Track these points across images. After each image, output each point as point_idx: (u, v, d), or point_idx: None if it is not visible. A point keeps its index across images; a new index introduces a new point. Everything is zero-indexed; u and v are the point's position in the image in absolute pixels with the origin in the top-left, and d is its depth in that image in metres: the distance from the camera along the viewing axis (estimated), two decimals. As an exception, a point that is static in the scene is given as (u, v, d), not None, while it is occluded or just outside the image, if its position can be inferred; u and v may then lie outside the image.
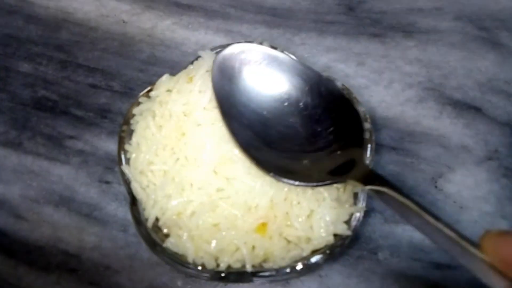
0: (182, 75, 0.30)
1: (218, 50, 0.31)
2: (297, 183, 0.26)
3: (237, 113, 0.28)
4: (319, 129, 0.28)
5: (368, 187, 0.24)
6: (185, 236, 0.26)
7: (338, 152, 0.27)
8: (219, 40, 0.38)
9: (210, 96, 0.28)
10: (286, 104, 0.29)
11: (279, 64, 0.29)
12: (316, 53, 0.37)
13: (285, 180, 0.26)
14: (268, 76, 0.29)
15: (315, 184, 0.26)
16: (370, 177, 0.24)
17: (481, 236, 0.19)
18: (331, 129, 0.28)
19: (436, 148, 0.33)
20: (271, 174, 0.26)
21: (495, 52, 0.37)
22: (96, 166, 0.33)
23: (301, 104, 0.29)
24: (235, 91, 0.28)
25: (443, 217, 0.30)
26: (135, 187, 0.28)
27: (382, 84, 0.36)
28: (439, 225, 0.20)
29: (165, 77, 0.30)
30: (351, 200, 0.27)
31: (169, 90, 0.29)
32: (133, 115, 0.30)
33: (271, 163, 0.26)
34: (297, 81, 0.29)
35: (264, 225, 0.26)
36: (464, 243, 0.19)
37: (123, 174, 0.28)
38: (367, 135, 0.28)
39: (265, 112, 0.28)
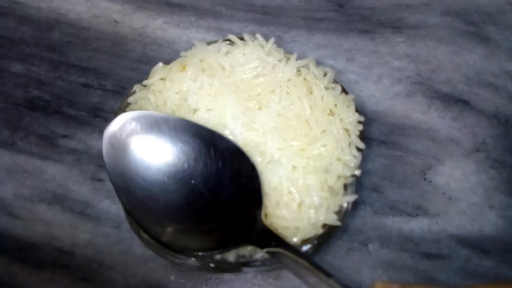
0: (175, 64, 0.30)
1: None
2: (193, 259, 0.26)
3: (136, 187, 0.26)
4: (220, 188, 0.26)
5: (265, 249, 0.24)
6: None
7: (238, 212, 0.26)
8: (210, 38, 0.38)
9: (201, 83, 0.29)
10: (186, 166, 0.26)
11: (171, 127, 0.27)
12: (307, 50, 0.38)
13: (181, 256, 0.26)
14: (161, 142, 0.27)
15: (215, 252, 0.25)
16: (267, 239, 0.24)
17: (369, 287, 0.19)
18: (231, 187, 0.26)
19: (425, 141, 0.33)
20: (169, 256, 0.26)
21: (483, 46, 0.37)
22: (89, 164, 0.33)
23: (200, 163, 0.27)
24: (130, 164, 0.26)
25: (433, 208, 0.31)
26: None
27: (371, 79, 0.36)
28: (331, 282, 0.21)
29: (159, 65, 0.31)
30: (342, 191, 0.27)
31: (163, 79, 0.30)
32: (128, 104, 0.30)
33: (173, 239, 0.26)
34: (193, 142, 0.27)
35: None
36: None
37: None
38: (359, 127, 0.29)
39: (165, 179, 0.26)
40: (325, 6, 0.40)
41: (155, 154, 0.26)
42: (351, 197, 0.27)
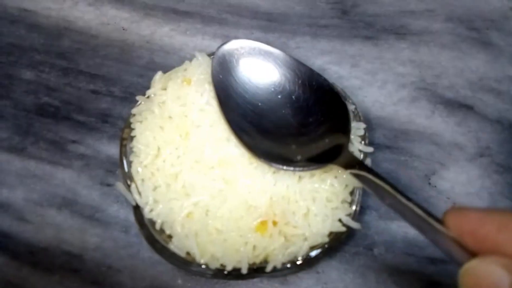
0: (174, 72, 0.31)
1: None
2: (284, 167, 0.27)
3: (234, 103, 0.29)
4: (309, 119, 0.29)
5: (349, 171, 0.26)
6: (188, 237, 0.26)
7: (326, 140, 0.28)
8: (216, 45, 0.38)
9: (207, 98, 0.29)
10: (279, 96, 0.30)
11: (274, 58, 0.31)
12: (311, 56, 0.38)
13: (273, 164, 0.27)
14: (263, 70, 0.30)
15: (301, 169, 0.27)
16: (352, 163, 0.26)
17: (445, 212, 0.20)
18: (320, 119, 0.29)
19: (429, 146, 0.34)
20: (261, 159, 0.27)
21: (486, 51, 0.38)
22: (98, 170, 0.33)
23: (293, 96, 0.30)
24: (232, 83, 0.30)
25: (437, 213, 0.31)
26: (136, 190, 0.28)
27: (376, 85, 0.37)
28: (409, 204, 0.22)
29: (159, 75, 0.31)
30: (348, 198, 0.28)
31: (164, 89, 0.31)
32: (133, 115, 0.30)
33: (262, 149, 0.28)
34: (290, 75, 0.30)
35: (264, 223, 0.26)
36: (430, 219, 0.21)
37: (125, 176, 0.29)
38: (361, 132, 0.29)
39: (259, 103, 0.30)
40: (329, 13, 0.41)
41: (254, 80, 0.30)
42: (355, 204, 0.27)
